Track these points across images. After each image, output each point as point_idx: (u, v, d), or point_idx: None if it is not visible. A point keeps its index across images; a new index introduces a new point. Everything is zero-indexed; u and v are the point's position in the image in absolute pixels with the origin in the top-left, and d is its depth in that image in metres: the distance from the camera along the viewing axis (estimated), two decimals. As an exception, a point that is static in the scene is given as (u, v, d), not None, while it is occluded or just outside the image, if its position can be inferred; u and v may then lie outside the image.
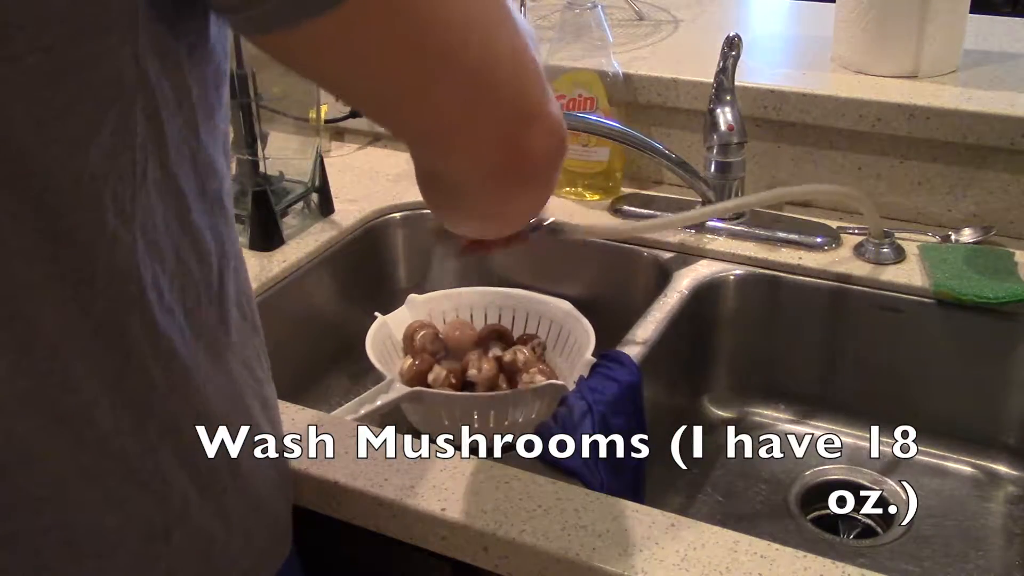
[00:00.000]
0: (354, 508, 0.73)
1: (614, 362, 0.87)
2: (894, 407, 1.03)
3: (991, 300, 0.94)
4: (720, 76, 1.04)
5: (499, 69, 0.51)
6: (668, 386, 1.01)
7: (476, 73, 0.50)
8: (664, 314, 0.97)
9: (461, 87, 0.50)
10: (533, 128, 0.53)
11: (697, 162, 1.08)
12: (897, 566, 0.90)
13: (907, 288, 0.99)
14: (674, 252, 1.07)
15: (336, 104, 1.34)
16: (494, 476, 0.73)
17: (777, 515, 0.97)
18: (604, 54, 1.12)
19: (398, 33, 0.47)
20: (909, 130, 1.04)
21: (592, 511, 0.69)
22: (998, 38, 1.22)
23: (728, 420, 1.09)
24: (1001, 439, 1.01)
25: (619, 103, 1.14)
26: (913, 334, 0.99)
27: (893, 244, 1.02)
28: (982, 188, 1.05)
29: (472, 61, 0.50)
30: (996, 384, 0.99)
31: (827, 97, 1.06)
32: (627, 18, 1.34)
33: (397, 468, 0.74)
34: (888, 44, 1.10)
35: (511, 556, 0.68)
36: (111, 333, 0.52)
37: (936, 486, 0.99)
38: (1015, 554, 0.92)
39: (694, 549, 0.66)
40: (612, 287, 1.12)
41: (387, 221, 1.18)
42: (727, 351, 1.09)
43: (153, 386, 0.54)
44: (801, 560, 0.65)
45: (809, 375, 1.07)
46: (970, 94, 1.04)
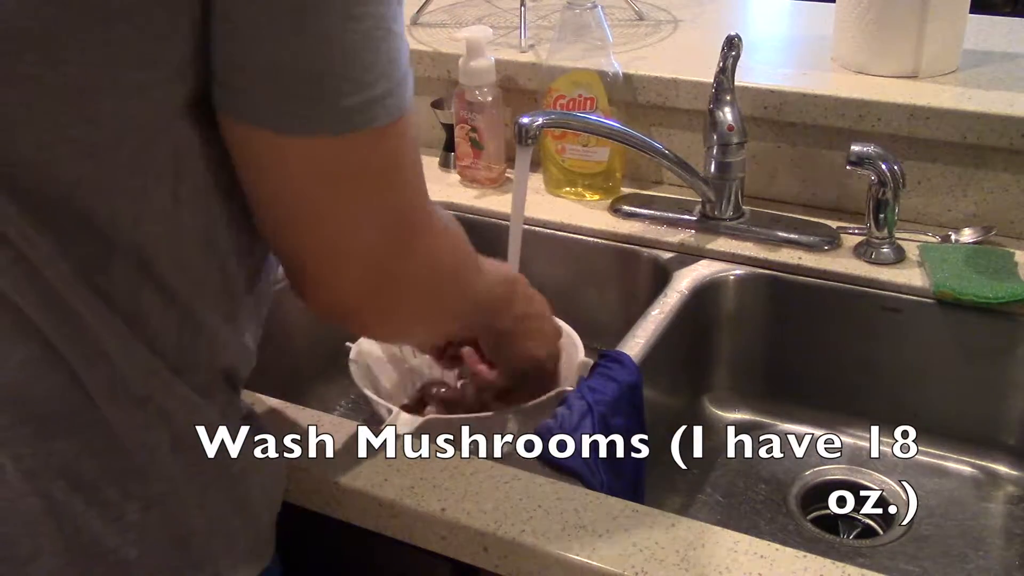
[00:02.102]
0: (354, 508, 0.73)
1: (614, 362, 0.87)
2: (894, 407, 1.03)
3: (991, 300, 0.94)
4: (720, 76, 1.04)
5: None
6: (668, 386, 1.01)
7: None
8: (664, 314, 0.97)
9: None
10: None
11: (697, 162, 1.08)
12: (897, 566, 0.90)
13: (907, 288, 0.99)
14: (674, 252, 1.07)
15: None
16: (494, 476, 0.73)
17: (777, 515, 0.97)
18: (604, 54, 1.12)
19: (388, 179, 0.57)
20: (909, 130, 1.04)
21: (592, 511, 0.69)
22: (998, 38, 1.22)
23: (728, 420, 1.09)
24: (1001, 439, 1.01)
25: (619, 103, 1.14)
26: (913, 334, 0.99)
27: (893, 244, 1.02)
28: (982, 188, 1.05)
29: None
30: (996, 384, 0.99)
31: (827, 97, 1.06)
32: (627, 18, 1.34)
33: (397, 468, 0.74)
34: (888, 44, 1.10)
35: (511, 556, 0.68)
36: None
37: (936, 486, 0.99)
38: (1015, 554, 0.92)
39: (694, 549, 0.66)
40: (612, 287, 1.12)
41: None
42: (727, 351, 1.09)
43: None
44: (801, 560, 0.65)
45: (809, 375, 1.07)
46: (970, 94, 1.04)
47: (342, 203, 0.56)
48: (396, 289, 0.61)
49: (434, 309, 0.66)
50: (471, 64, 1.15)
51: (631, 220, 1.12)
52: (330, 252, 0.57)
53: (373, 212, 0.57)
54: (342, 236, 0.57)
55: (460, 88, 1.17)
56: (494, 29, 1.24)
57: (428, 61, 1.26)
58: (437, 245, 0.63)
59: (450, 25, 1.35)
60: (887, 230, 1.01)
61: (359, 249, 0.58)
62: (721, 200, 1.07)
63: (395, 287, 0.60)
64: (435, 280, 0.64)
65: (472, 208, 1.18)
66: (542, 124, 0.93)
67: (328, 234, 0.57)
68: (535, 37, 1.26)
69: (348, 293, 0.59)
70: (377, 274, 0.59)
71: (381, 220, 0.58)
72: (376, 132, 0.55)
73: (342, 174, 0.55)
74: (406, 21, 1.35)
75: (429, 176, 0.62)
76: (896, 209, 0.99)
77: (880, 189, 0.98)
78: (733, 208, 1.08)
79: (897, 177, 0.97)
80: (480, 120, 1.17)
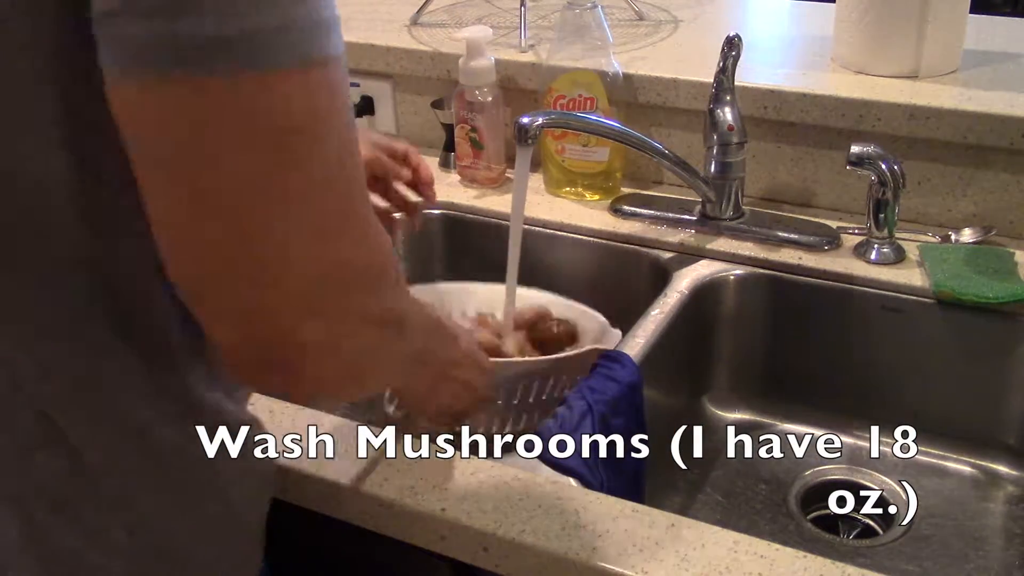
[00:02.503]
0: (354, 508, 0.73)
1: (614, 362, 0.87)
2: (894, 407, 1.03)
3: (991, 300, 0.94)
4: (720, 76, 1.04)
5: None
6: (668, 386, 1.01)
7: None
8: (664, 314, 0.97)
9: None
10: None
11: (697, 162, 1.08)
12: (897, 566, 0.90)
13: (907, 288, 0.99)
14: (674, 252, 1.07)
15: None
16: (494, 476, 0.73)
17: (777, 515, 0.97)
18: (604, 54, 1.12)
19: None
20: (909, 130, 1.04)
21: (592, 511, 0.69)
22: (998, 38, 1.22)
23: (728, 420, 1.09)
24: (1001, 439, 1.01)
25: (619, 103, 1.14)
26: (913, 334, 0.99)
27: (893, 244, 1.02)
28: (982, 188, 1.05)
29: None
30: (996, 384, 0.99)
31: (827, 97, 1.06)
32: (627, 18, 1.34)
33: (397, 468, 0.74)
34: (888, 44, 1.10)
35: (511, 556, 0.68)
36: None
37: (936, 486, 0.99)
38: (1015, 554, 0.92)
39: (694, 549, 0.66)
40: (612, 287, 1.12)
41: (387, 221, 1.18)
42: (727, 351, 1.09)
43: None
44: (801, 560, 0.65)
45: (809, 375, 1.07)
46: (970, 94, 1.04)
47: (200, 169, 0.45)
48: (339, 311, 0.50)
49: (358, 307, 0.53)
50: (471, 64, 1.15)
51: (631, 220, 1.12)
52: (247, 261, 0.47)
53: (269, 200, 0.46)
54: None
55: (460, 88, 1.17)
56: (494, 29, 1.24)
57: (428, 61, 1.26)
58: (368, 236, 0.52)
59: (450, 25, 1.35)
60: (887, 230, 1.01)
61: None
62: (721, 200, 1.07)
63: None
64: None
65: (472, 208, 1.18)
66: (542, 124, 0.93)
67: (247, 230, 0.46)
68: (535, 37, 1.26)
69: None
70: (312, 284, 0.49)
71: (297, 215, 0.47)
72: (262, 79, 0.44)
73: (220, 133, 0.44)
74: (406, 21, 1.35)
75: (429, 176, 0.61)
76: (896, 209, 0.99)
77: (880, 189, 0.98)
78: (733, 208, 1.08)
79: (897, 177, 0.97)
80: (480, 120, 1.17)
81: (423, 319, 0.64)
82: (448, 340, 0.70)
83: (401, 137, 1.34)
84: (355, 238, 0.50)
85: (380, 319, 0.53)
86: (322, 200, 0.48)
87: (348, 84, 0.50)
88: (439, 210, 1.18)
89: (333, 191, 0.48)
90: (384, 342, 0.54)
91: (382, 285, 0.53)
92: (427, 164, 0.97)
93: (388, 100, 1.32)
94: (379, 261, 0.52)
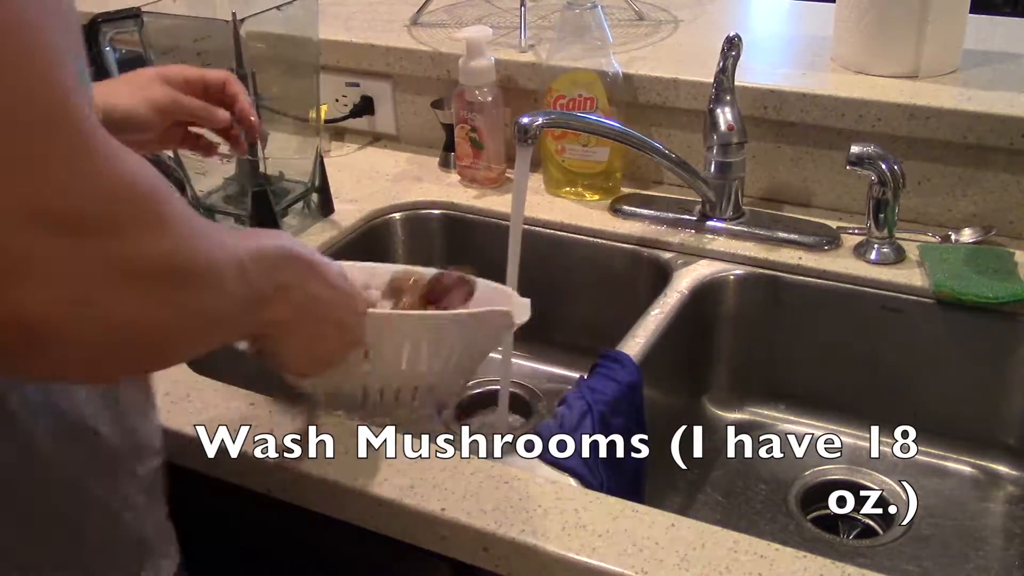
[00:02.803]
0: (354, 508, 0.73)
1: (614, 362, 0.87)
2: (894, 407, 1.03)
3: (991, 300, 0.94)
4: (720, 76, 1.04)
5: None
6: (668, 386, 1.01)
7: None
8: (664, 314, 0.97)
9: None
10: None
11: (697, 162, 1.08)
12: (897, 566, 0.90)
13: (907, 288, 0.99)
14: (674, 252, 1.07)
15: (336, 104, 1.34)
16: (494, 476, 0.73)
17: (777, 515, 0.97)
18: (604, 54, 1.12)
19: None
20: (909, 130, 1.04)
21: (592, 511, 0.69)
22: (998, 38, 1.22)
23: (728, 420, 1.09)
24: (1001, 439, 1.01)
25: (619, 103, 1.14)
26: (913, 334, 0.99)
27: (893, 244, 1.02)
28: (982, 188, 1.05)
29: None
30: (996, 384, 0.99)
31: (827, 97, 1.06)
32: (627, 18, 1.34)
33: (397, 468, 0.74)
34: (888, 44, 1.10)
35: (511, 556, 0.68)
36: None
37: (936, 486, 0.99)
38: (1015, 554, 0.92)
39: (694, 549, 0.66)
40: (612, 287, 1.12)
41: (387, 221, 1.18)
42: (727, 351, 1.09)
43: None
44: (801, 560, 0.65)
45: (809, 375, 1.07)
46: (970, 94, 1.04)
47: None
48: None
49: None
50: (471, 64, 1.15)
51: (631, 220, 1.12)
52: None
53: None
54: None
55: (460, 88, 1.17)
56: (494, 29, 1.24)
57: (428, 61, 1.26)
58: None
59: (450, 25, 1.35)
60: (887, 230, 1.01)
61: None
62: (721, 200, 1.08)
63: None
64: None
65: (472, 208, 1.18)
66: (542, 124, 0.93)
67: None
68: (535, 37, 1.26)
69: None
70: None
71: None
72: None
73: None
74: (406, 21, 1.35)
75: (429, 176, 0.60)
76: (896, 209, 0.99)
77: (880, 189, 0.98)
78: (733, 208, 1.08)
79: (897, 177, 0.97)
80: (480, 120, 1.17)
81: (272, 252, 0.56)
82: (310, 274, 0.61)
83: (401, 137, 1.34)
84: (76, 171, 0.40)
85: (147, 270, 0.43)
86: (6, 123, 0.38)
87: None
88: (439, 210, 1.19)
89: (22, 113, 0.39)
90: (167, 297, 0.44)
91: (137, 228, 0.43)
92: (245, 94, 0.89)
93: (388, 100, 1.32)
94: (127, 197, 0.42)
